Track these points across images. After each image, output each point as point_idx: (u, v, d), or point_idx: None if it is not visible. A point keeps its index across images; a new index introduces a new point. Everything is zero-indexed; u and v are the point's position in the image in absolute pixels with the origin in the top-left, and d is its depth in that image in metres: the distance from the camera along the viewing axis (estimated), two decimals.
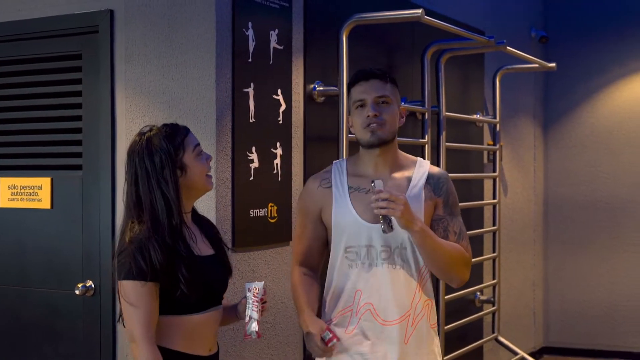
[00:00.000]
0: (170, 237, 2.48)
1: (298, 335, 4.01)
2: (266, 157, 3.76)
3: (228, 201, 3.55)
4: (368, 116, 2.79)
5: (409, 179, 2.85)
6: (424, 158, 4.86)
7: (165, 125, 2.62)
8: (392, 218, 2.69)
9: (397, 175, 2.87)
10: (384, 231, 2.69)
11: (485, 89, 6.05)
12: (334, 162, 3.02)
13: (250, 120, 3.67)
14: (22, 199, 3.95)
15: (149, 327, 2.44)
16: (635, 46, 7.16)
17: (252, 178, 3.66)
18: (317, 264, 2.99)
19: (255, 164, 3.69)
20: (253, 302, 2.60)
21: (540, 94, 7.30)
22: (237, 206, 3.58)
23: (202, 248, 2.63)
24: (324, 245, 2.96)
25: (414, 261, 2.81)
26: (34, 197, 3.91)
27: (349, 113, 2.91)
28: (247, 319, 2.61)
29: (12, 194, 3.97)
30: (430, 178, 2.87)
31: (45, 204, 3.89)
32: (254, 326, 2.59)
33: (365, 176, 2.86)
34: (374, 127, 2.79)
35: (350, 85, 2.91)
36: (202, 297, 2.57)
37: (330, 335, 2.77)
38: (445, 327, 5.10)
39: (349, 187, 2.87)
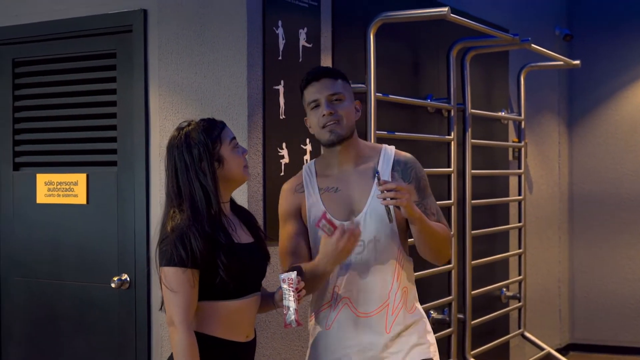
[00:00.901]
0: (210, 226, 2.58)
1: None
2: (296, 153, 3.84)
3: (260, 195, 3.64)
4: (324, 115, 2.83)
5: (373, 172, 2.86)
6: (450, 155, 4.97)
7: (202, 120, 2.72)
8: (392, 207, 2.73)
9: (362, 167, 2.90)
10: (389, 219, 2.75)
11: (510, 87, 6.11)
12: (303, 166, 3.07)
13: (281, 117, 3.75)
14: (59, 195, 4.05)
15: (188, 312, 2.54)
16: None
17: (282, 173, 3.75)
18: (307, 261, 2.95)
19: (286, 160, 3.78)
20: (289, 292, 2.66)
21: (565, 91, 7.34)
22: (268, 200, 3.67)
23: (241, 236, 2.73)
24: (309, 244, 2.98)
25: (389, 252, 2.86)
26: (70, 192, 4.02)
27: (305, 115, 2.96)
28: (285, 309, 2.67)
29: (49, 189, 4.08)
30: (396, 164, 2.89)
31: (81, 199, 3.99)
32: (293, 315, 2.65)
33: (332, 175, 2.92)
34: (331, 126, 2.83)
35: (302, 87, 2.93)
36: (240, 283, 2.65)
37: (328, 225, 2.70)
38: (472, 323, 5.17)
39: (319, 189, 2.93)
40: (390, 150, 2.96)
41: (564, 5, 7.36)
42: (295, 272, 2.67)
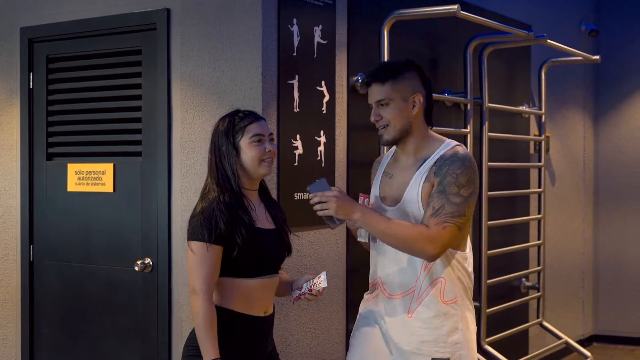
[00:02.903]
0: (232, 202, 2.90)
1: (341, 312, 4.28)
2: (310, 145, 4.03)
3: (274, 185, 3.84)
4: (373, 121, 3.04)
5: (423, 162, 2.96)
6: (466, 147, 5.11)
7: (245, 112, 3.05)
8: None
9: (419, 159, 2.99)
10: (330, 226, 2.94)
11: (532, 81, 6.23)
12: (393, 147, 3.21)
13: (295, 110, 3.94)
14: (88, 184, 4.29)
15: (209, 282, 2.86)
16: None
17: (296, 164, 3.94)
18: None
19: (300, 151, 3.97)
20: (313, 288, 3.00)
21: (591, 85, 7.42)
22: (282, 190, 3.87)
23: (263, 222, 3.02)
24: None
25: None
26: (98, 181, 4.25)
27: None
28: (298, 287, 3.06)
29: (79, 178, 4.32)
30: (439, 160, 2.93)
31: (109, 187, 4.23)
32: (297, 295, 3.06)
33: (397, 161, 3.08)
34: (380, 131, 3.03)
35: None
36: (258, 263, 2.96)
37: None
38: (488, 311, 5.31)
39: (384, 172, 3.12)
40: (448, 145, 3.00)
41: (590, 2, 7.43)
42: (326, 285, 2.99)
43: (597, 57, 6.07)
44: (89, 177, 4.29)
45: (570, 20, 7.02)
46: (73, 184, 4.35)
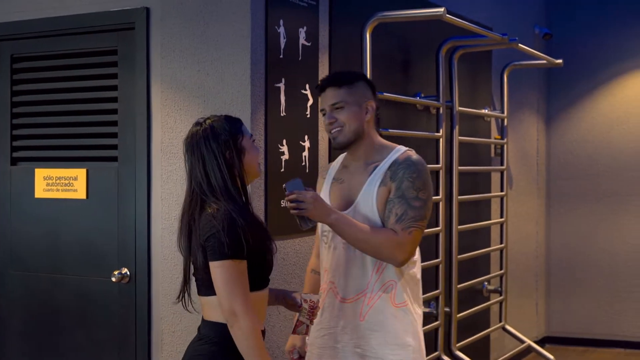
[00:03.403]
0: (249, 216, 2.66)
1: None
2: (295, 150, 3.91)
3: (262, 191, 3.71)
4: (327, 124, 3.02)
5: (375, 167, 3.00)
6: (437, 152, 5.07)
7: (221, 115, 2.78)
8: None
9: (370, 164, 3.01)
10: (301, 227, 2.87)
11: (493, 85, 6.22)
12: (340, 155, 3.23)
13: (281, 114, 3.82)
14: (58, 189, 4.08)
15: (249, 301, 2.58)
16: (635, 43, 7.34)
17: (282, 169, 3.82)
18: None
19: (286, 156, 3.85)
20: (308, 312, 2.88)
21: (544, 89, 7.48)
22: (269, 196, 3.74)
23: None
24: None
25: None
26: (70, 187, 4.05)
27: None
28: (299, 323, 2.88)
29: (48, 184, 4.11)
30: (392, 164, 2.97)
31: (81, 194, 4.03)
32: (305, 330, 2.90)
33: (346, 167, 3.10)
34: (334, 134, 3.01)
35: (318, 95, 3.12)
36: (264, 275, 2.76)
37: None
38: (458, 316, 5.28)
39: (334, 179, 3.12)
40: (399, 151, 3.04)
41: (542, 5, 7.49)
42: (318, 295, 2.94)
43: (560, 60, 6.10)
44: (59, 182, 4.09)
45: (524, 24, 7.05)
46: (41, 190, 4.13)
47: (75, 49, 4.06)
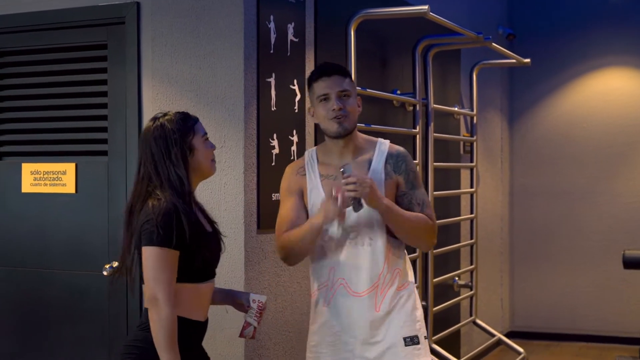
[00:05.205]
0: (190, 210, 2.73)
1: None
2: (285, 144, 3.96)
3: (254, 185, 3.75)
4: (334, 109, 3.04)
5: (370, 161, 3.11)
6: (415, 148, 5.16)
7: (178, 112, 2.85)
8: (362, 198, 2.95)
9: (360, 159, 3.12)
10: (354, 209, 2.95)
11: (462, 83, 6.34)
12: (306, 151, 3.28)
13: (272, 109, 3.87)
14: (46, 184, 4.07)
15: (172, 290, 2.65)
16: (595, 44, 7.54)
17: (273, 164, 3.87)
18: None
19: (276, 150, 3.90)
20: (255, 313, 2.94)
21: (507, 89, 7.64)
22: (261, 190, 3.78)
23: (205, 225, 2.88)
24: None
25: (381, 238, 3.08)
26: (58, 182, 4.04)
27: (311, 105, 3.15)
28: (246, 324, 2.95)
29: (35, 179, 4.10)
30: (389, 157, 3.11)
31: (70, 188, 4.02)
32: (252, 332, 2.95)
33: (332, 164, 3.12)
34: (341, 120, 3.05)
35: (313, 80, 3.12)
36: (207, 267, 2.83)
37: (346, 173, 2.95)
38: (434, 309, 5.37)
39: (320, 175, 3.15)
40: (385, 144, 3.18)
41: (505, 7, 7.64)
42: (265, 296, 3.00)
43: (528, 60, 6.24)
44: (47, 177, 4.08)
45: (488, 24, 7.18)
46: (28, 185, 4.12)
47: (64, 43, 4.06)
